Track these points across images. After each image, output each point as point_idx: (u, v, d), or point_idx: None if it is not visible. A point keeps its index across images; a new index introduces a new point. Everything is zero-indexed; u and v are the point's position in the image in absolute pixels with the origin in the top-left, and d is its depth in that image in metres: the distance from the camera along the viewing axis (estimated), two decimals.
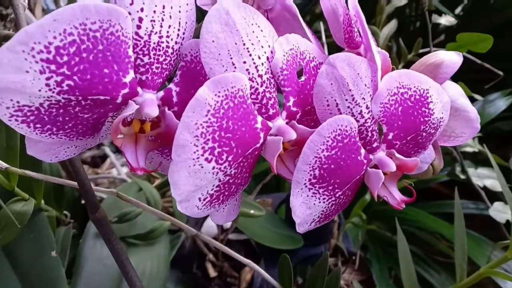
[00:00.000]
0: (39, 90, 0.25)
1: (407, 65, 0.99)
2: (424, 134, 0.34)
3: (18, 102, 0.25)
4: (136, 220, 0.65)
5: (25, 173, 0.37)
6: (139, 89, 0.28)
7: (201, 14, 0.32)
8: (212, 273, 0.77)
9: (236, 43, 0.28)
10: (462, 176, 0.85)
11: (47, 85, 0.25)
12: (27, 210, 0.47)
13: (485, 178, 0.88)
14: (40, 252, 0.54)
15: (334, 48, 0.46)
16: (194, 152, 0.26)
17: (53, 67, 0.24)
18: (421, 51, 0.95)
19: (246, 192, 0.89)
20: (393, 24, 1.00)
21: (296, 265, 0.86)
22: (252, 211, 0.74)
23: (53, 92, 0.25)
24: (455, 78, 0.39)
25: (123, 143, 0.29)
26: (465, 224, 1.07)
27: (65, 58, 0.25)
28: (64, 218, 0.61)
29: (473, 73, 0.90)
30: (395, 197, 0.34)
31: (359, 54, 0.37)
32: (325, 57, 0.34)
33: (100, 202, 0.66)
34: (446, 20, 0.80)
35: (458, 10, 1.42)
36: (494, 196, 0.87)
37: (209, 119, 0.26)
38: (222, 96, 0.27)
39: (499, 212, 0.77)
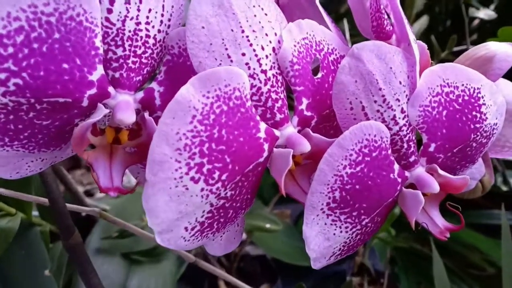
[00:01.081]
0: None
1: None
2: (474, 144, 0.27)
3: None
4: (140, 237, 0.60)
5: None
6: (110, 89, 0.22)
7: None
8: None
9: (232, 30, 0.22)
10: (505, 188, 0.76)
11: None
12: (13, 227, 0.42)
13: None
14: (32, 270, 0.50)
15: None
16: (176, 170, 0.20)
17: None
18: (455, 49, 0.87)
19: (262, 202, 0.83)
20: (424, 20, 0.92)
21: (316, 284, 0.80)
22: (268, 225, 0.67)
23: None
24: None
25: (93, 157, 0.23)
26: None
27: (10, 50, 0.19)
28: (57, 232, 0.56)
29: None
30: (438, 223, 0.27)
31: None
32: (347, 49, 0.28)
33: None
34: (485, 13, 0.72)
35: (492, 8, 1.32)
36: None
37: (195, 127, 0.20)
38: (213, 98, 0.21)
39: None
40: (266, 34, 0.23)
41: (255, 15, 0.23)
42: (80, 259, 0.30)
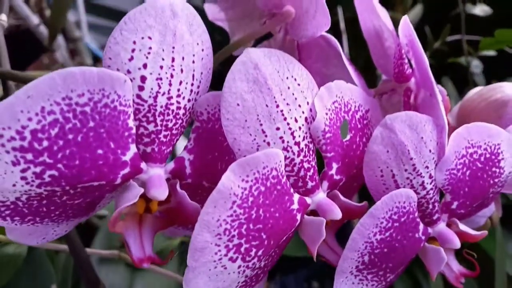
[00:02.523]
0: (14, 185, 0.19)
1: (433, 54, 0.91)
2: (491, 195, 0.28)
3: None
4: None
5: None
6: (143, 165, 0.22)
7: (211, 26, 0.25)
8: None
9: (267, 105, 0.22)
10: None
11: (23, 178, 0.19)
12: (21, 252, 0.42)
13: None
14: (40, 287, 0.50)
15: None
16: (216, 253, 0.20)
17: (29, 156, 0.18)
18: (449, 39, 0.87)
19: None
20: (418, 10, 0.91)
21: (314, 272, 0.83)
22: None
23: (32, 185, 0.19)
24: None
25: (123, 227, 0.23)
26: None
27: (45, 144, 0.18)
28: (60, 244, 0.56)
29: None
30: (453, 269, 0.28)
31: (408, 89, 0.31)
32: (371, 100, 0.28)
33: (103, 218, 0.61)
34: (481, 9, 0.72)
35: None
36: None
37: (235, 211, 0.20)
38: (252, 181, 0.21)
39: None
40: (299, 105, 0.23)
41: (288, 87, 0.22)
42: None
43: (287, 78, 0.22)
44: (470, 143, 0.25)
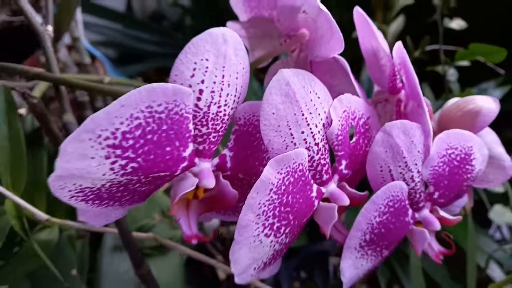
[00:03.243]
0: (103, 174, 0.24)
1: (413, 62, 0.99)
2: (465, 188, 0.34)
3: (80, 185, 0.24)
4: (151, 232, 0.65)
5: (67, 223, 0.36)
6: (196, 160, 0.27)
7: None
8: (222, 276, 0.78)
9: (295, 114, 0.27)
10: None
11: (112, 169, 0.24)
12: (53, 239, 0.46)
13: None
14: (61, 272, 0.54)
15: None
16: (255, 230, 0.26)
17: (118, 151, 0.24)
18: (428, 48, 0.95)
19: None
20: (400, 21, 0.99)
21: (300, 261, 0.89)
22: None
23: (117, 174, 0.24)
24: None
25: (176, 209, 0.28)
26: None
27: (131, 142, 0.24)
28: (79, 231, 0.60)
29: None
30: (434, 249, 0.34)
31: (399, 99, 0.37)
32: (371, 109, 0.34)
33: None
34: (457, 24, 0.80)
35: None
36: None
37: (271, 197, 0.26)
38: (284, 173, 0.26)
39: (499, 214, 0.80)
40: (319, 114, 0.29)
41: (311, 100, 0.28)
42: (151, 285, 0.35)
43: (310, 92, 0.28)
44: (449, 146, 0.32)
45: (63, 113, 0.36)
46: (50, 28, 0.40)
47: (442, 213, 0.33)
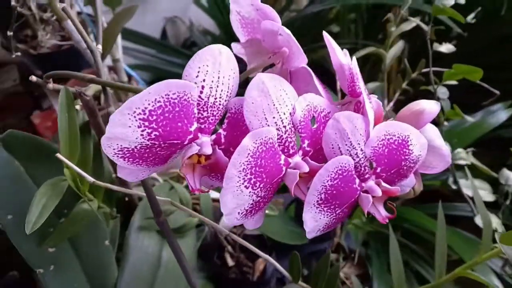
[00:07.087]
0: (136, 138, 0.37)
1: (411, 83, 1.10)
2: (405, 167, 0.45)
3: (121, 145, 0.37)
4: (170, 217, 0.77)
5: (109, 186, 0.48)
6: (199, 134, 0.40)
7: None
8: (230, 262, 0.89)
9: (268, 104, 0.39)
10: (454, 187, 0.95)
11: (142, 135, 0.36)
12: (92, 209, 0.59)
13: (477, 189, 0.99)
14: (96, 242, 0.67)
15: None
16: (237, 182, 0.38)
17: (146, 123, 0.36)
18: (424, 70, 1.06)
19: None
20: (399, 45, 1.10)
21: (302, 259, 0.98)
22: (267, 211, 0.85)
23: (145, 139, 0.37)
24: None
25: (185, 170, 0.41)
26: (462, 226, 1.18)
27: (154, 117, 0.36)
28: (112, 213, 0.73)
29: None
30: (381, 213, 0.45)
31: (359, 102, 0.48)
32: (333, 107, 0.46)
33: (141, 200, 0.78)
34: (446, 48, 0.90)
35: (470, 18, 1.50)
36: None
37: (248, 159, 0.38)
38: (258, 143, 0.38)
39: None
40: (286, 105, 0.40)
41: (281, 95, 0.40)
42: (166, 229, 0.47)
43: (280, 89, 0.40)
44: (388, 132, 0.43)
45: (108, 107, 0.49)
46: (100, 46, 0.53)
47: (385, 185, 0.44)
